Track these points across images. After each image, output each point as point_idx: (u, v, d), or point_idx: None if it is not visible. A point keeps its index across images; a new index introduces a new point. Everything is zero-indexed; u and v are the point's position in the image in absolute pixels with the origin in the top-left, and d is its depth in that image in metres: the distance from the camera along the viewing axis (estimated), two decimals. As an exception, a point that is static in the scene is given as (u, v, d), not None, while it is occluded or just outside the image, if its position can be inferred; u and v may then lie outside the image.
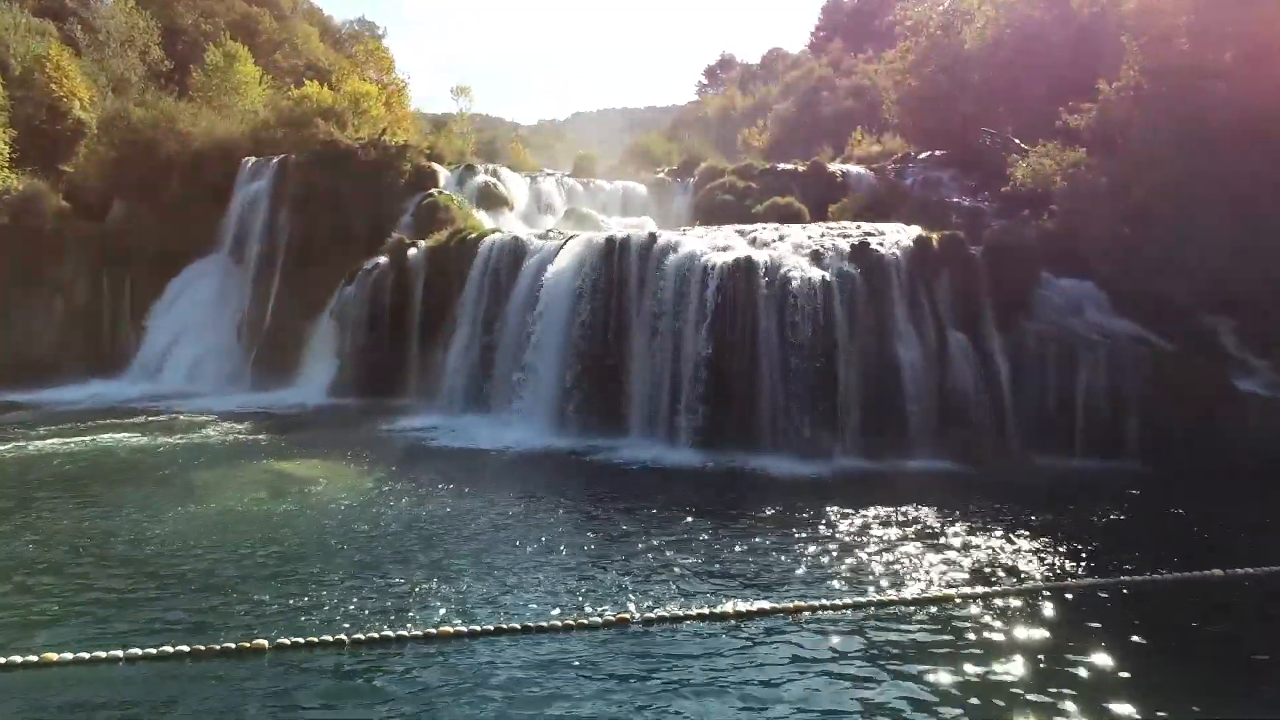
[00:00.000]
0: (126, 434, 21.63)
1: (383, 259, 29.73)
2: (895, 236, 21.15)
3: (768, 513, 15.30)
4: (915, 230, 21.80)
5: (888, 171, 33.94)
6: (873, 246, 20.39)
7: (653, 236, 22.05)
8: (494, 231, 27.53)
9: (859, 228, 22.09)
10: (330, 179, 32.79)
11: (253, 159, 34.44)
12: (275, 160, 33.72)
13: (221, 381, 31.39)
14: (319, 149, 32.88)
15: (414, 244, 29.54)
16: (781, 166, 34.09)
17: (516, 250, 25.53)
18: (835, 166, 34.17)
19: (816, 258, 20.38)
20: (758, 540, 13.73)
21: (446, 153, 36.61)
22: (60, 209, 35.36)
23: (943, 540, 13.83)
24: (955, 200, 29.10)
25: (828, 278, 19.72)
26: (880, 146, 37.43)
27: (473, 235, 27.57)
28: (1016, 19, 28.78)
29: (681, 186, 37.59)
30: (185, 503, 15.43)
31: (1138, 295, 21.02)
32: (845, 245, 20.61)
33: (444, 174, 34.56)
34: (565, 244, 23.73)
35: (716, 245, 21.25)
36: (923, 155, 35.87)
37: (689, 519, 14.88)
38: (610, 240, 22.31)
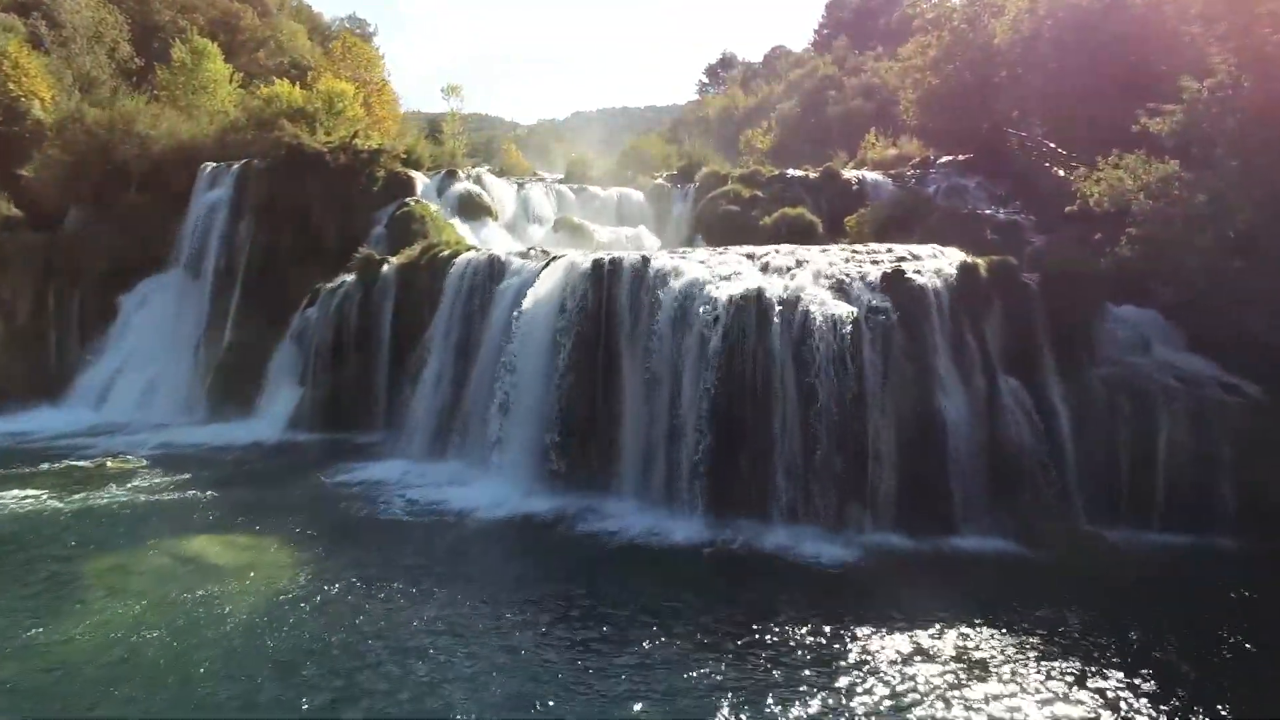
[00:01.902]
0: (23, 491, 17.83)
1: (349, 277, 26.03)
2: (935, 263, 17.30)
3: (791, 632, 11.53)
4: (957, 254, 17.97)
5: (907, 178, 30.08)
6: (908, 275, 16.55)
7: (646, 260, 18.22)
8: (469, 249, 23.71)
9: (890, 251, 18.24)
10: (296, 186, 29.01)
11: (212, 164, 30.59)
12: (236, 166, 29.88)
13: (174, 411, 27.58)
14: (283, 154, 28.98)
15: (384, 260, 25.80)
16: (791, 173, 30.20)
17: (493, 271, 21.75)
18: (850, 173, 30.29)
19: (841, 289, 16.56)
20: (780, 688, 9.96)
21: (425, 157, 32.70)
22: (8, 217, 31.53)
23: (1019, 684, 10.07)
24: (987, 212, 25.24)
25: (855, 314, 15.89)
26: (897, 150, 33.54)
27: (446, 252, 23.76)
28: (1057, 8, 24.87)
29: (681, 193, 33.75)
30: (37, 622, 11.65)
31: (1214, 328, 17.26)
32: (875, 273, 16.78)
33: (421, 181, 30.73)
34: (546, 266, 19.90)
35: (722, 272, 17.43)
36: (943, 160, 32.03)
37: (690, 646, 11.13)
38: (597, 264, 18.49)
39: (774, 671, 10.46)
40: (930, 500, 15.57)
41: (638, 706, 9.63)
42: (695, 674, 10.38)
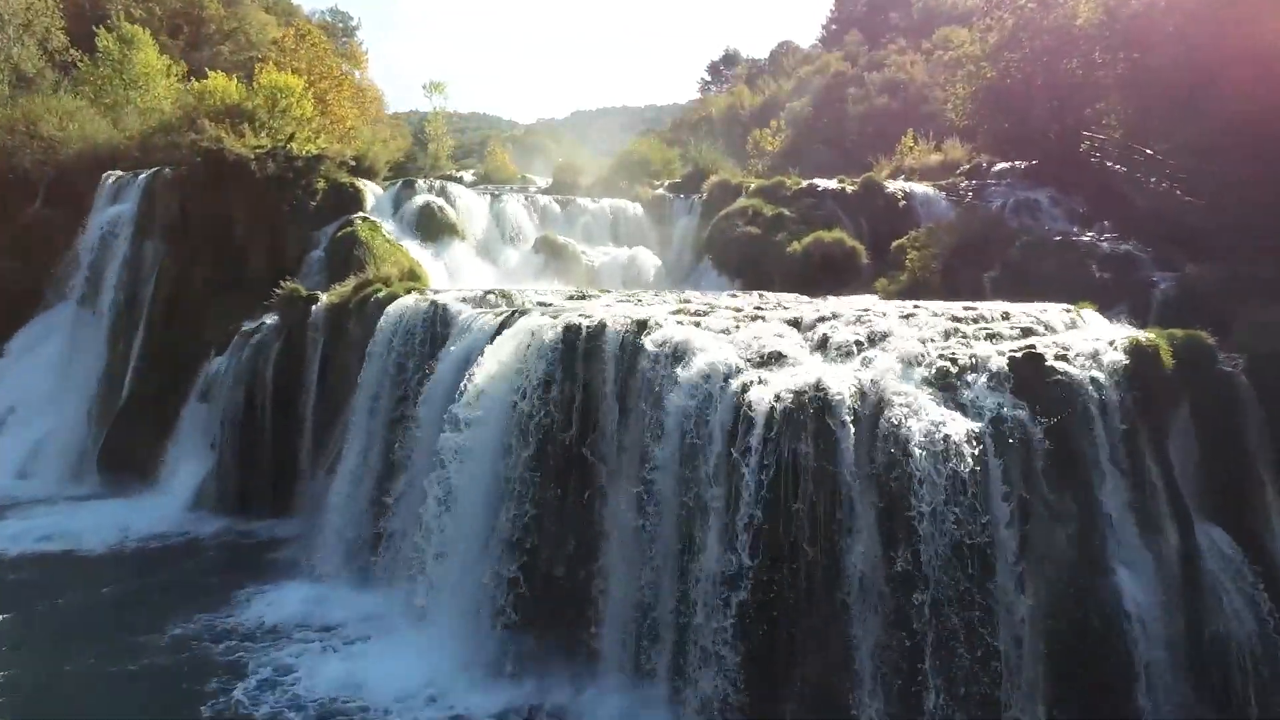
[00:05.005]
0: None
1: (269, 319, 19.64)
2: (1080, 338, 10.81)
3: None
4: (1101, 321, 11.55)
5: (962, 191, 23.52)
6: (1051, 364, 10.01)
7: (642, 329, 11.67)
8: (410, 289, 17.17)
9: (1006, 317, 11.66)
10: (215, 201, 22.51)
11: (115, 174, 24.10)
12: (143, 176, 23.38)
13: (63, 480, 21.26)
14: (199, 160, 22.44)
15: (312, 298, 19.38)
16: (822, 185, 23.60)
17: (436, 325, 15.34)
18: (895, 185, 23.67)
19: (946, 385, 10.01)
20: None
21: (382, 163, 26.19)
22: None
23: None
24: (1084, 238, 18.72)
25: (976, 431, 9.37)
26: (941, 155, 26.93)
27: (381, 293, 17.29)
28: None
29: (685, 206, 27.26)
30: None
31: None
32: (996, 359, 10.22)
33: (373, 193, 24.25)
34: (504, 326, 13.43)
35: (755, 351, 10.89)
36: (999, 167, 25.48)
37: None
38: (570, 333, 11.98)
39: None
40: (1104, 735, 9.14)
41: None
42: None
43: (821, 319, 11.66)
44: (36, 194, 26.28)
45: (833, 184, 23.43)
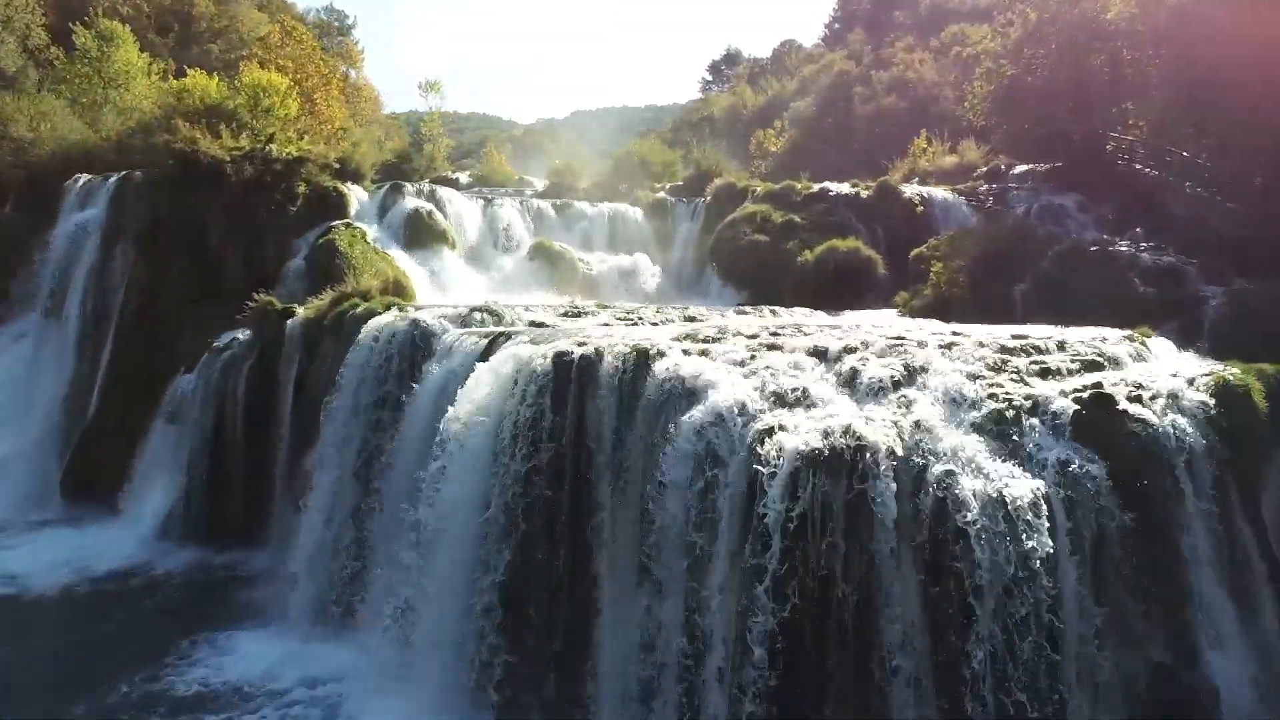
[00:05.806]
0: None
1: (242, 334, 18.05)
2: (1153, 374, 9.19)
3: None
4: (1170, 350, 9.93)
5: (981, 195, 21.87)
6: (1125, 407, 8.40)
7: (644, 358, 10.06)
8: (390, 306, 15.55)
9: (1062, 347, 10.01)
10: (188, 206, 20.89)
11: (84, 177, 22.49)
12: (112, 179, 21.75)
13: (24, 505, 19.59)
14: (171, 163, 20.84)
15: (287, 311, 17.78)
16: (834, 189, 21.97)
17: (415, 346, 13.71)
18: (912, 189, 22.03)
19: (1002, 431, 8.40)
20: None
21: (368, 166, 24.57)
22: None
23: None
24: (1123, 247, 17.09)
25: (1042, 492, 7.77)
26: (956, 157, 25.29)
27: (359, 309, 15.68)
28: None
29: (688, 210, 25.66)
30: None
31: None
32: (1058, 400, 8.61)
33: (358, 198, 22.64)
34: (489, 351, 11.83)
35: (774, 390, 9.26)
36: (1019, 170, 23.85)
37: None
38: (562, 361, 10.37)
39: None
40: None
41: None
42: None
43: (849, 349, 10.02)
44: (6, 198, 24.75)
45: (845, 188, 21.81)
